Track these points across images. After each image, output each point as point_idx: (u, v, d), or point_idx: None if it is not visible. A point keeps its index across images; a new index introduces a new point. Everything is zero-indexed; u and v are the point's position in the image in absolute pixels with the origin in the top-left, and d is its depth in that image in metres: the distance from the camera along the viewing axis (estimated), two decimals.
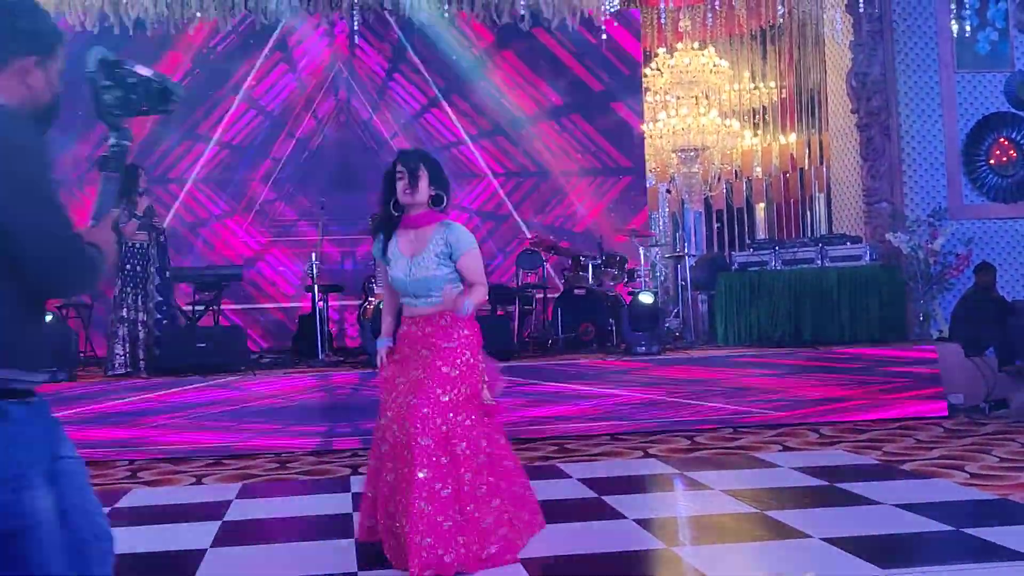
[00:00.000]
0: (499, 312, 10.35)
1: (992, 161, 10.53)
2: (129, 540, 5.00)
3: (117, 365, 8.65)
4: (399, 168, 4.20)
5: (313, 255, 9.85)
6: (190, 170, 12.66)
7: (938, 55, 10.58)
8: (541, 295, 10.81)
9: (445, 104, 13.14)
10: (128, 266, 8.78)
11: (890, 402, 8.38)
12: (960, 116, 10.57)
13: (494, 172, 13.14)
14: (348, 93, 12.99)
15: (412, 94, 13.14)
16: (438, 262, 4.17)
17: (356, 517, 4.38)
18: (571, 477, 6.14)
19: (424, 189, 4.18)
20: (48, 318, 8.84)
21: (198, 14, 11.22)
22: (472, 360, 4.13)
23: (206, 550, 4.58)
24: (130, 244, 8.78)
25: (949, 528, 4.54)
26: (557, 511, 5.27)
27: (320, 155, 12.88)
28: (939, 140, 10.56)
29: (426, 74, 13.14)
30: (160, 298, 8.96)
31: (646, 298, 9.52)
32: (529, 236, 11.39)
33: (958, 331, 9.20)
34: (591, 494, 5.60)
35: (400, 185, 4.18)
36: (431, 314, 4.19)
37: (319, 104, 12.96)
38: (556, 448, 7.37)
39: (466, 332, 4.17)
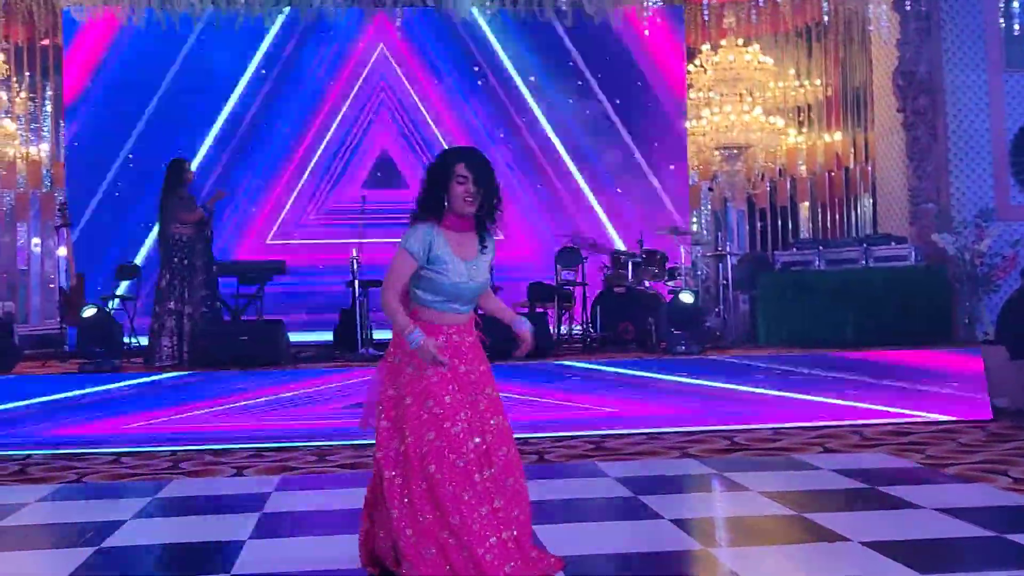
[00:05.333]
0: (538, 309, 10.35)
1: None
2: (169, 530, 5.07)
3: (164, 357, 8.76)
4: (463, 171, 3.75)
5: (354, 250, 9.90)
6: (232, 164, 12.80)
7: (986, 54, 10.43)
8: (580, 293, 10.79)
9: (486, 99, 13.16)
10: (175, 259, 8.90)
11: (933, 405, 8.28)
12: (1008, 116, 10.41)
13: (533, 166, 13.14)
14: (391, 87, 13.05)
15: (455, 87, 13.17)
16: (488, 267, 3.94)
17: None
18: (608, 476, 6.13)
19: (480, 199, 3.79)
20: (92, 311, 9.00)
21: (241, 11, 11.32)
22: None
23: (244, 541, 4.62)
24: (177, 238, 8.89)
25: (991, 533, 4.48)
26: (593, 510, 5.27)
27: (362, 150, 12.96)
28: (986, 140, 10.41)
29: (468, 68, 13.17)
30: (205, 292, 9.07)
31: (687, 298, 9.46)
32: (568, 233, 11.35)
33: (1004, 334, 9.06)
34: (628, 493, 5.59)
35: (461, 190, 3.75)
36: (466, 324, 3.92)
37: (362, 98, 13.04)
38: (594, 446, 7.36)
39: None
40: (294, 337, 9.71)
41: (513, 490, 3.76)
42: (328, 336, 10.78)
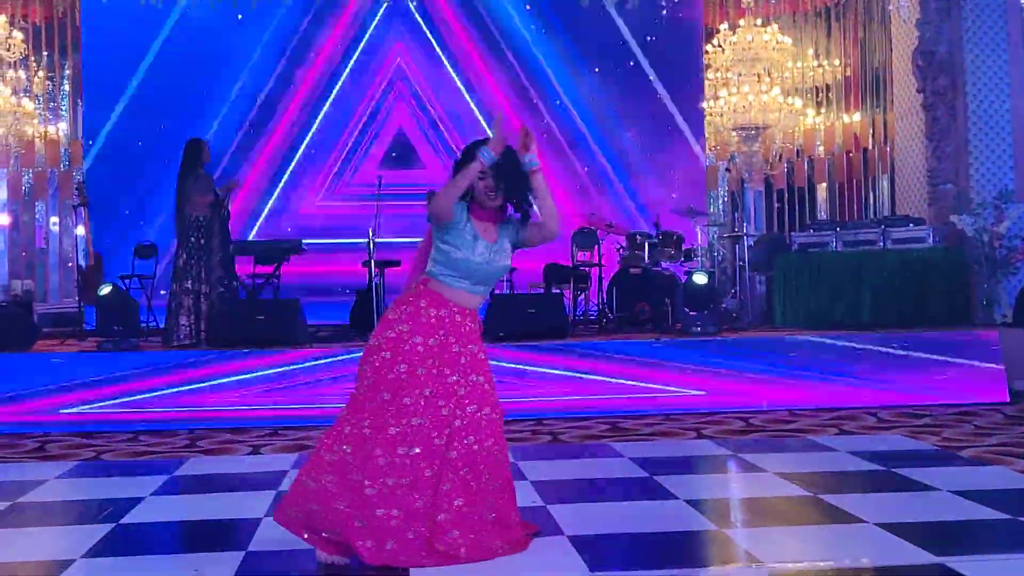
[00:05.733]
0: (554, 290, 10.35)
1: None
2: (187, 508, 5.11)
3: (181, 336, 8.81)
4: (484, 169, 3.86)
5: (370, 230, 9.91)
6: (247, 142, 12.83)
7: (1007, 33, 10.33)
8: (596, 273, 10.77)
9: (504, 77, 13.13)
10: (192, 239, 8.92)
11: (950, 387, 8.25)
12: None
13: (550, 146, 13.11)
14: (408, 65, 13.03)
15: (472, 65, 13.13)
16: (511, 251, 4.03)
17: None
18: (623, 456, 6.14)
19: (502, 193, 3.93)
20: (108, 289, 9.04)
21: None
22: None
23: (261, 519, 4.65)
24: (194, 218, 8.91)
25: (1007, 516, 4.47)
26: (608, 489, 5.27)
27: (378, 130, 12.96)
28: (1006, 120, 10.32)
29: (484, 47, 13.14)
30: (222, 271, 9.09)
31: (700, 279, 9.44)
32: (584, 214, 11.34)
33: (1023, 316, 9.02)
34: (643, 473, 5.59)
35: (482, 185, 3.88)
36: (474, 308, 4.01)
37: (378, 77, 13.02)
38: (609, 427, 7.36)
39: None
40: (311, 317, 9.74)
41: (467, 481, 3.78)
42: (345, 316, 10.80)
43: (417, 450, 3.74)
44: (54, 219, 12.92)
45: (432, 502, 3.73)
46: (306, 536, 3.87)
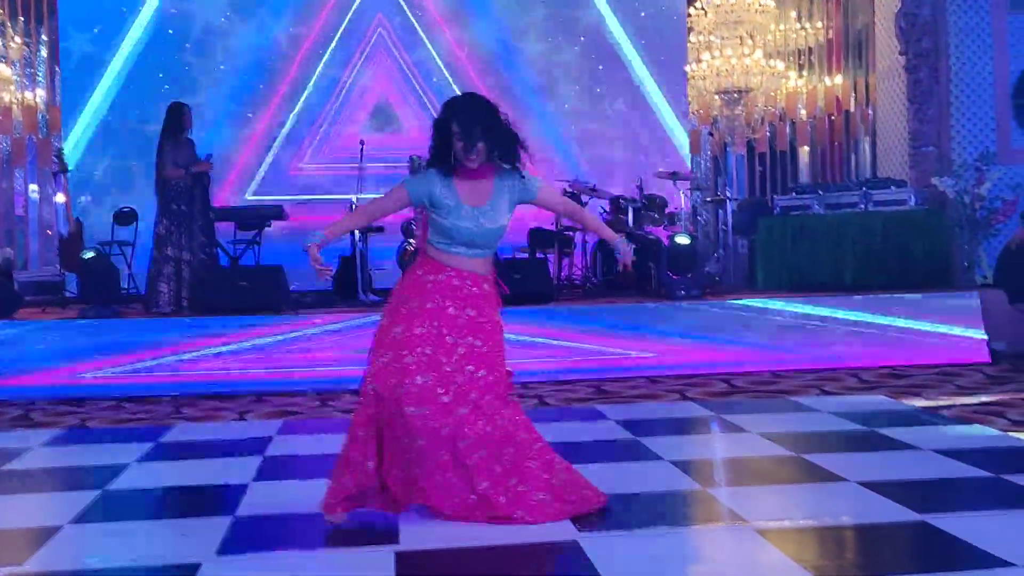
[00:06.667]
0: (538, 255, 10.35)
1: None
2: (173, 474, 5.11)
3: (162, 303, 8.77)
4: (456, 129, 3.81)
5: (353, 196, 9.87)
6: (229, 108, 12.72)
7: None
8: (580, 238, 10.77)
9: (485, 41, 13.05)
10: (173, 206, 8.87)
11: (932, 348, 8.31)
12: (1012, 58, 10.32)
13: (533, 110, 13.05)
14: (388, 30, 12.93)
15: (452, 28, 13.04)
16: (508, 210, 3.97)
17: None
18: (609, 419, 6.17)
19: (483, 150, 3.84)
20: (91, 254, 8.98)
21: None
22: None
23: (248, 484, 4.66)
24: (174, 184, 8.85)
25: (988, 474, 4.52)
26: (595, 452, 5.30)
27: (359, 95, 12.88)
28: (988, 83, 10.34)
29: (465, 13, 13.05)
30: (204, 238, 9.04)
31: (682, 240, 9.47)
32: (568, 179, 11.31)
33: (1003, 277, 9.08)
34: (628, 436, 5.63)
35: (460, 146, 3.82)
36: (480, 272, 3.97)
37: (359, 40, 12.93)
38: (594, 390, 7.40)
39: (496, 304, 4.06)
40: (293, 283, 9.71)
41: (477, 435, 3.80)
42: (328, 282, 10.77)
43: (427, 410, 3.75)
44: (33, 186, 12.81)
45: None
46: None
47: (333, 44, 12.90)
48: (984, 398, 6.63)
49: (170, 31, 12.64)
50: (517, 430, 3.90)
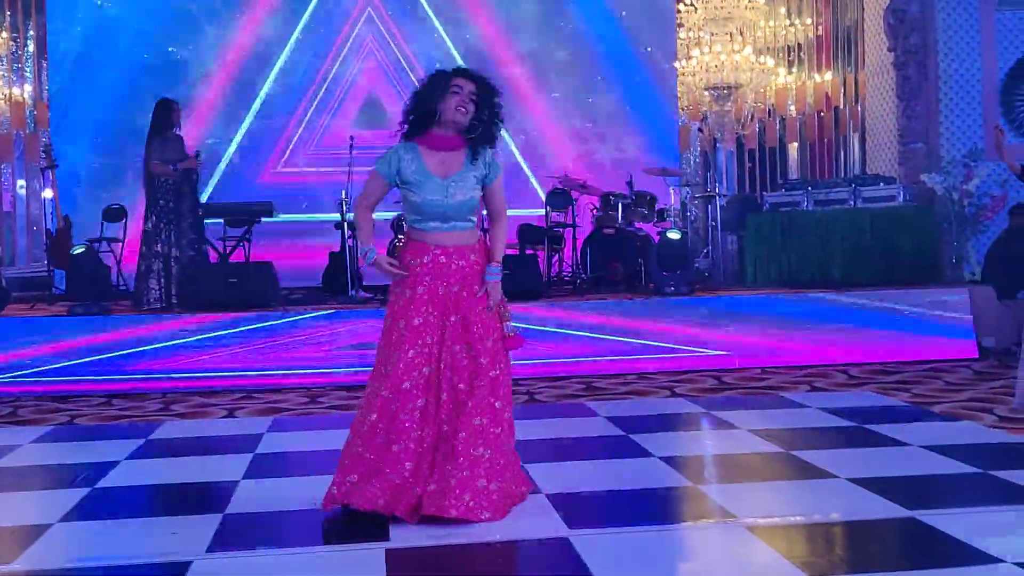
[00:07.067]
0: (528, 251, 10.34)
1: None
2: (163, 471, 5.10)
3: (152, 300, 8.74)
4: (458, 82, 3.87)
5: (343, 192, 9.85)
6: (218, 104, 12.68)
7: None
8: (570, 234, 10.77)
9: (474, 36, 13.03)
10: (161, 201, 8.83)
11: (920, 344, 8.34)
12: (1000, 55, 10.36)
13: (523, 107, 13.05)
14: (377, 25, 12.91)
15: (441, 23, 13.01)
16: (476, 184, 3.95)
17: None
18: (598, 415, 6.18)
19: (472, 113, 3.89)
20: (81, 250, 8.95)
21: None
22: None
23: (238, 482, 4.65)
24: (163, 180, 8.81)
25: (977, 470, 4.54)
26: (584, 448, 5.31)
27: (349, 90, 12.86)
28: (977, 80, 10.37)
29: (456, 4, 13.03)
30: (193, 235, 9.01)
31: (673, 234, 9.48)
32: (558, 175, 11.31)
33: (991, 273, 9.12)
34: (618, 432, 5.63)
35: (456, 100, 3.85)
36: (465, 244, 3.95)
37: (349, 38, 12.89)
38: (584, 386, 7.40)
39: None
40: (283, 280, 9.69)
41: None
42: (317, 279, 10.76)
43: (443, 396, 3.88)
44: (21, 182, 12.75)
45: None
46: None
47: (322, 40, 12.86)
48: (972, 394, 6.66)
49: (159, 26, 12.56)
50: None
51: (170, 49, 12.55)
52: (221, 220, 10.14)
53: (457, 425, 3.82)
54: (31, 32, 12.78)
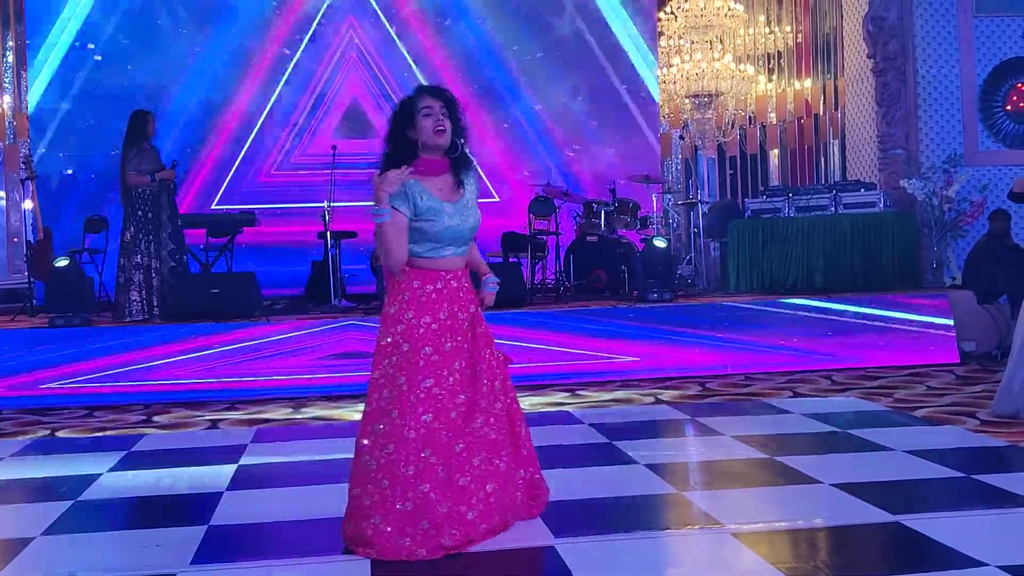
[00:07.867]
0: (511, 259, 10.35)
1: (1009, 107, 10.42)
2: (146, 483, 5.07)
3: (133, 311, 8.69)
4: (426, 103, 3.72)
5: (326, 202, 9.84)
6: (199, 113, 12.64)
7: None
8: (553, 242, 10.79)
9: (456, 44, 13.04)
10: (140, 212, 8.79)
11: (902, 349, 8.38)
12: (978, 61, 10.44)
13: (505, 116, 13.06)
14: (359, 33, 12.91)
15: (424, 31, 13.02)
16: (476, 201, 3.86)
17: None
18: (582, 423, 6.18)
19: (450, 129, 3.75)
20: (64, 262, 8.91)
21: None
22: None
23: (222, 493, 4.63)
24: (140, 191, 8.77)
25: (960, 475, 4.56)
26: (568, 456, 5.30)
27: (332, 99, 12.84)
28: (955, 86, 10.44)
29: (434, 18, 13.03)
30: (173, 245, 8.98)
31: (659, 243, 9.51)
32: (541, 183, 11.32)
33: (972, 278, 9.18)
34: (602, 439, 5.64)
35: (430, 122, 3.70)
36: (465, 265, 3.88)
37: (330, 46, 12.89)
38: (568, 394, 7.40)
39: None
40: (265, 290, 9.66)
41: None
42: (300, 288, 10.74)
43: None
44: (1, 194, 12.67)
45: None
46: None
47: (303, 48, 12.84)
48: (954, 398, 6.69)
49: (139, 36, 12.51)
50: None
51: (150, 60, 12.49)
52: (203, 231, 10.10)
53: (512, 431, 3.89)
54: (10, 43, 12.71)
